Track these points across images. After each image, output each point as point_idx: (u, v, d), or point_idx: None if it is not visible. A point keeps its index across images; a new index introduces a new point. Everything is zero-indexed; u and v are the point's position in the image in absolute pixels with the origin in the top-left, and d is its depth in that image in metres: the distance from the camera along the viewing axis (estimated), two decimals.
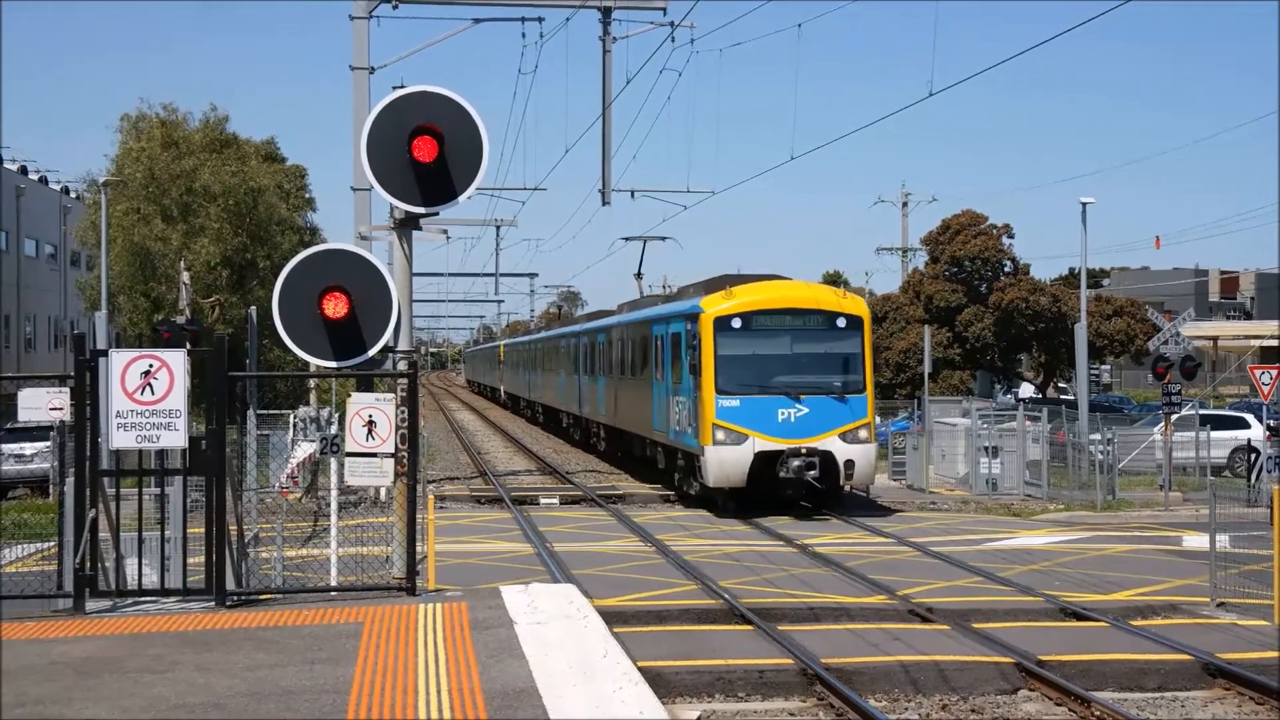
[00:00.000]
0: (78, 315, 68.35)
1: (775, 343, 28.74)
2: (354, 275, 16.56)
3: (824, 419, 27.88)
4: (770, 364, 28.59)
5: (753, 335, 28.48)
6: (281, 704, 10.71)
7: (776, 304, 29.00)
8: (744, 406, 27.84)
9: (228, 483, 15.25)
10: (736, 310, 28.53)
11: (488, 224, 53.71)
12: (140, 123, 56.04)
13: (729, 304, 28.58)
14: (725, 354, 28.15)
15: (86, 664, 12.14)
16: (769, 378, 28.36)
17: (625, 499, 32.41)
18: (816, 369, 28.61)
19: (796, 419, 27.76)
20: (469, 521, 28.11)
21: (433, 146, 16.58)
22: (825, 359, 28.79)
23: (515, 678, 11.54)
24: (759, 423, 27.73)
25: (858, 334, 28.91)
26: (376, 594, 15.80)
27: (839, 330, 28.79)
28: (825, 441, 27.80)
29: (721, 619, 17.84)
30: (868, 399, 28.58)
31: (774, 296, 29.15)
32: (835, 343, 28.83)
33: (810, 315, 28.91)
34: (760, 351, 28.57)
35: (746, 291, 29.06)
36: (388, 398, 15.82)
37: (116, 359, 14.84)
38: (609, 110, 34.39)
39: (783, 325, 28.71)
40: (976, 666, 15.17)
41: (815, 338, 28.83)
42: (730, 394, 27.88)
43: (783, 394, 27.94)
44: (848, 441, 27.94)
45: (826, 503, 28.67)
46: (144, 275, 54.08)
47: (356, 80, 30.56)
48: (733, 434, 27.60)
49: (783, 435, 27.72)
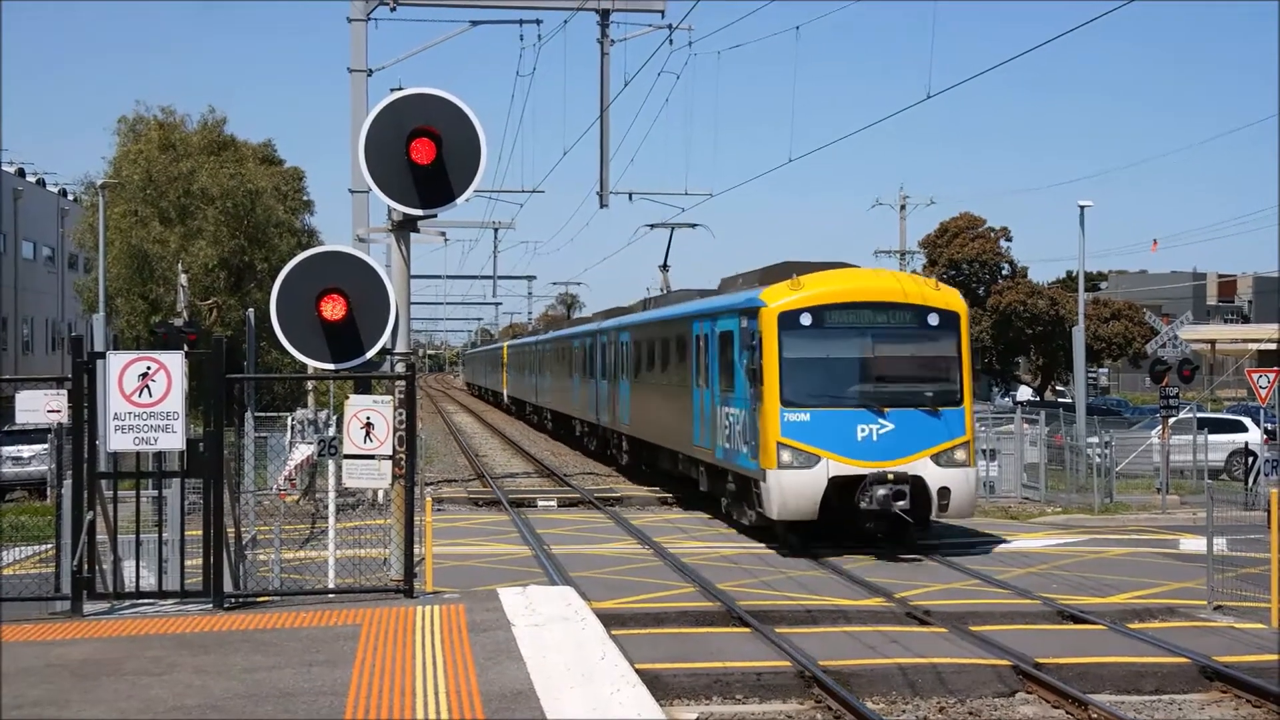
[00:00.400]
0: (75, 317, 68.36)
1: (853, 343, 23.64)
2: (352, 277, 16.56)
3: (913, 437, 23.06)
4: (847, 369, 23.63)
5: (826, 334, 23.48)
6: (279, 706, 10.71)
7: (855, 296, 23.82)
8: (815, 421, 22.95)
9: (225, 485, 15.25)
10: (806, 304, 23.43)
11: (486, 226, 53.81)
12: (138, 125, 56.12)
13: (796, 296, 23.48)
14: (792, 357, 23.22)
15: (84, 666, 12.14)
16: (846, 386, 23.47)
17: (623, 501, 32.39)
18: (904, 376, 23.86)
19: (880, 437, 22.96)
20: (467, 524, 28.10)
21: (431, 149, 16.59)
22: (914, 363, 24.03)
23: (513, 680, 11.54)
24: (834, 441, 22.84)
25: (953, 333, 23.97)
26: (374, 596, 15.80)
27: (931, 329, 23.80)
28: (915, 464, 22.92)
29: (719, 621, 17.84)
30: (965, 413, 23.67)
31: (851, 287, 23.98)
32: (926, 344, 23.94)
33: (896, 310, 23.79)
34: (835, 354, 23.62)
35: (817, 281, 23.95)
36: (385, 400, 15.82)
37: (114, 361, 14.84)
38: (607, 112, 34.39)
39: (862, 322, 23.63)
40: (974, 669, 15.18)
41: (902, 337, 23.85)
42: (798, 406, 22.99)
43: (863, 406, 23.07)
44: (942, 464, 23.05)
45: (908, 534, 23.56)
46: (142, 277, 54.12)
47: (354, 82, 30.55)
48: (802, 455, 22.70)
49: (863, 457, 22.80)
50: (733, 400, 24.97)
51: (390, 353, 17.54)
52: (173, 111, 57.01)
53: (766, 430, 23.00)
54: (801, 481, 22.75)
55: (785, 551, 23.37)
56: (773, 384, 23.07)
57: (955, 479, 23.10)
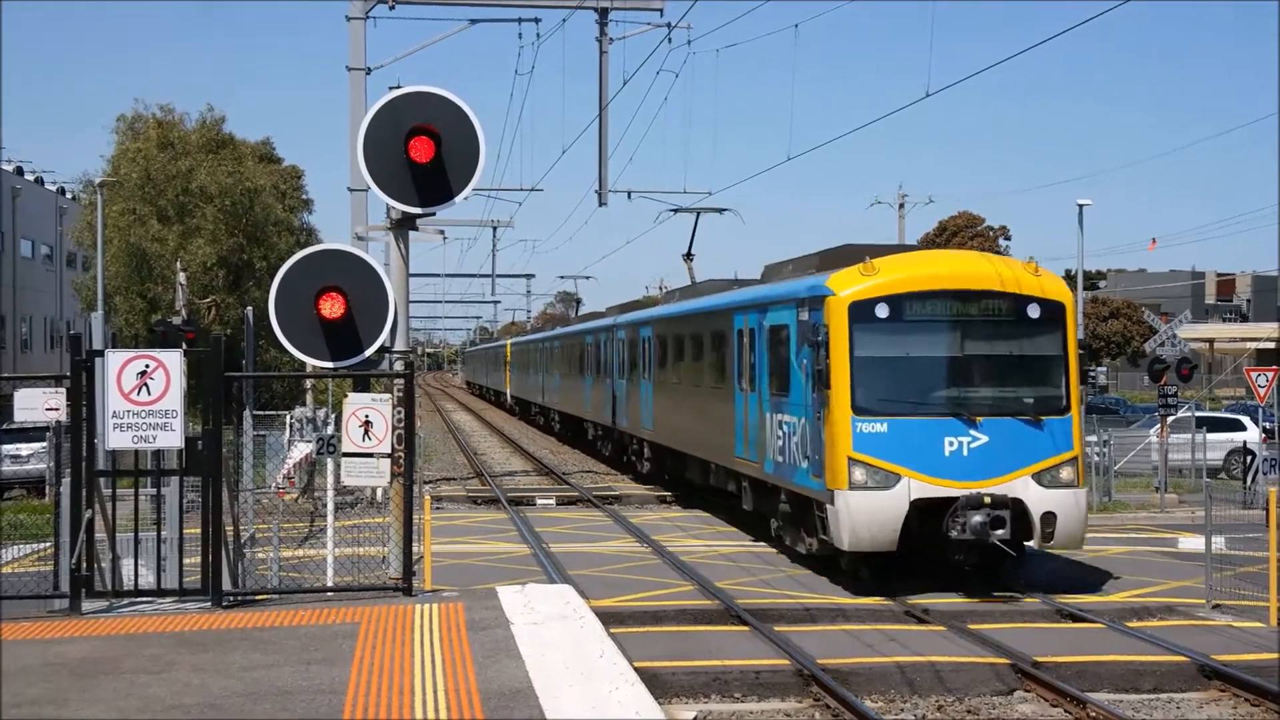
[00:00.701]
0: (74, 316, 68.33)
1: (940, 340, 19.94)
2: (350, 276, 16.55)
3: (1011, 451, 19.43)
4: (932, 371, 19.93)
5: (906, 328, 19.85)
6: (277, 704, 10.71)
7: (942, 283, 20.03)
8: (894, 433, 19.31)
9: (224, 483, 15.25)
10: (883, 291, 19.72)
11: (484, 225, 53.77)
12: (136, 123, 56.10)
13: (871, 282, 19.75)
14: (866, 355, 19.58)
15: (82, 664, 12.14)
16: (930, 391, 19.82)
17: (622, 500, 32.39)
18: (1000, 378, 20.15)
19: (972, 451, 19.36)
20: (465, 522, 28.10)
21: (429, 147, 16.59)
22: (1012, 364, 20.22)
23: (512, 678, 11.54)
24: (916, 457, 19.23)
25: (1058, 328, 20.26)
26: (373, 594, 15.80)
27: (1032, 322, 20.13)
28: (1014, 484, 19.26)
29: (718, 620, 17.84)
30: (1073, 422, 19.88)
31: (937, 272, 20.21)
32: (1027, 340, 20.21)
33: (991, 300, 20.14)
34: (917, 352, 19.94)
35: (895, 265, 20.14)
36: (384, 398, 15.82)
37: (113, 359, 14.84)
38: (605, 111, 34.39)
39: (950, 314, 19.96)
40: (972, 667, 15.19)
41: (998, 333, 20.19)
42: (874, 414, 19.31)
43: (951, 415, 19.45)
44: (1045, 484, 19.42)
45: (1003, 567, 19.92)
46: (140, 276, 54.11)
47: (353, 81, 30.53)
48: (878, 473, 19.10)
49: (952, 475, 19.21)
50: (788, 406, 21.34)
51: (389, 351, 17.54)
52: (171, 110, 57.02)
53: (835, 443, 19.31)
54: (877, 505, 19.05)
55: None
56: (842, 388, 19.42)
57: (1062, 502, 19.42)
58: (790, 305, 21.52)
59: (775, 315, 22.39)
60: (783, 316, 21.93)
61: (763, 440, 22.66)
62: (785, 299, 21.96)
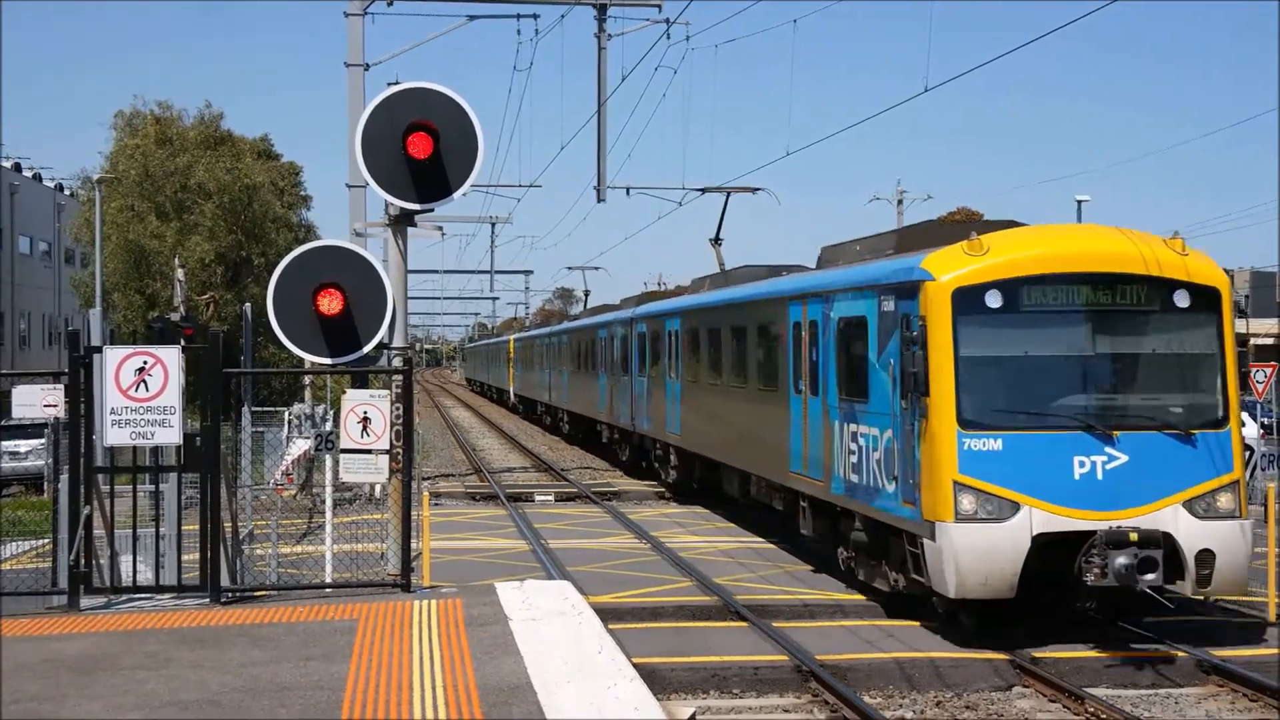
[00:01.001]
0: (72, 312, 68.35)
1: (1067, 335, 16.13)
2: (349, 272, 16.55)
3: (1158, 474, 15.77)
4: (1058, 373, 16.13)
5: (1025, 321, 16.09)
6: (276, 700, 10.71)
7: (1070, 264, 16.21)
8: (1011, 451, 15.58)
9: (222, 479, 15.25)
10: (997, 275, 15.97)
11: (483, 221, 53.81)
12: (135, 119, 56.04)
13: (980, 264, 15.98)
14: (976, 355, 15.91)
15: (81, 661, 12.14)
16: (1056, 399, 16.03)
17: (621, 496, 32.39)
18: (1142, 383, 16.47)
19: (1109, 474, 15.64)
20: (464, 518, 28.10)
21: (428, 143, 16.58)
22: (1157, 365, 16.57)
23: (510, 674, 11.54)
24: (1040, 481, 15.50)
25: (1212, 319, 16.53)
26: (371, 591, 15.80)
27: (1180, 313, 16.39)
28: (1162, 515, 15.62)
29: (716, 616, 17.84)
30: (1232, 437, 16.42)
31: (1063, 251, 16.33)
32: (1175, 335, 16.52)
33: (1130, 285, 16.31)
34: (1039, 350, 16.12)
35: (1010, 243, 16.42)
36: (383, 394, 15.82)
37: (111, 356, 14.84)
38: (604, 107, 34.37)
39: (1080, 303, 16.16)
40: (971, 663, 15.19)
41: (1139, 326, 16.43)
42: (985, 428, 15.64)
43: (1083, 428, 15.74)
44: (1201, 515, 15.77)
45: (1130, 611, 16.60)
46: (138, 272, 54.07)
47: (351, 77, 30.50)
48: (992, 500, 15.42)
49: (1086, 504, 15.53)
50: (865, 415, 17.77)
51: (387, 347, 17.54)
52: (169, 106, 56.94)
53: (935, 464, 15.66)
54: (992, 541, 15.34)
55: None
56: (944, 395, 15.72)
57: (1221, 536, 15.71)
58: (868, 293, 17.86)
59: (847, 305, 18.71)
60: (857, 307, 18.28)
61: (829, 455, 19.05)
62: (861, 286, 18.19)
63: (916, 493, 16.07)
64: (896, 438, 16.67)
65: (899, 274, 17.03)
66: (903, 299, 16.73)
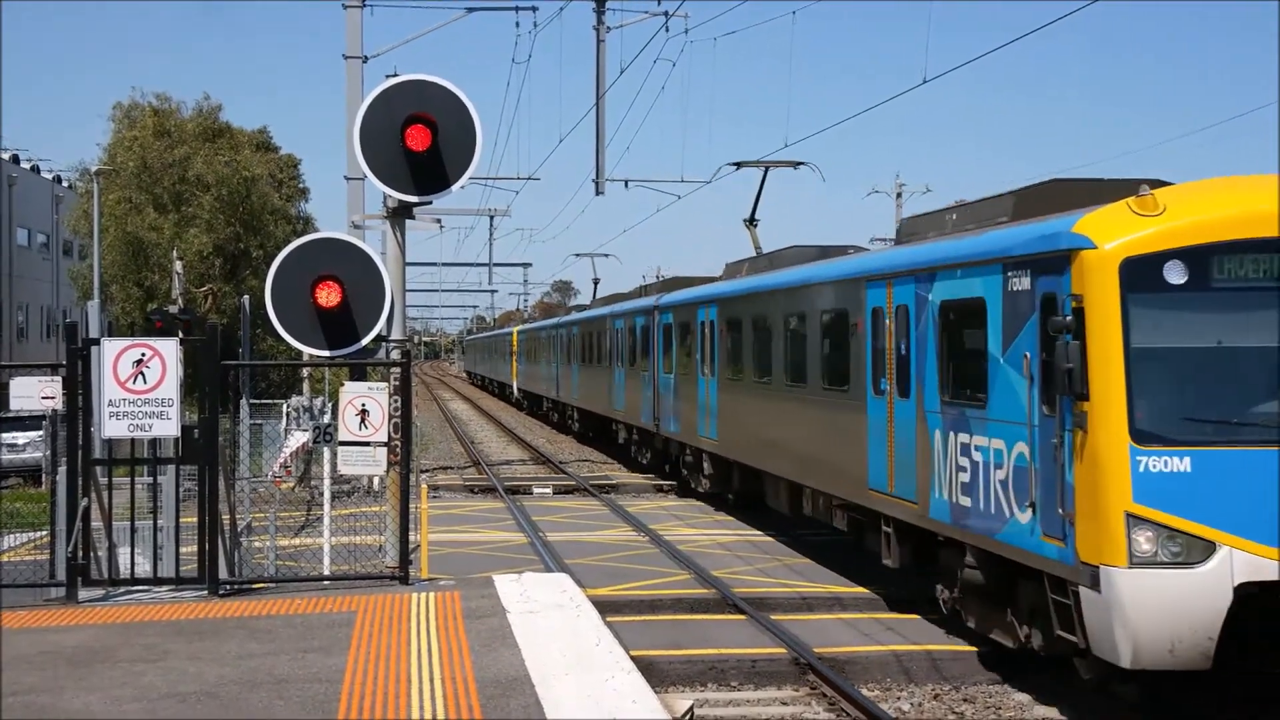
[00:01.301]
0: (70, 305, 68.31)
1: (1275, 319, 12.34)
2: (347, 264, 16.52)
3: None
4: (1263, 370, 12.40)
5: (1218, 302, 12.45)
6: (274, 692, 10.71)
7: (1270, 228, 12.36)
8: (1204, 473, 12.02)
9: (220, 472, 15.24)
10: (1179, 241, 12.39)
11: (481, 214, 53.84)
12: (133, 111, 56.05)
13: (1156, 226, 12.41)
14: (1153, 346, 12.37)
15: (78, 653, 12.13)
16: (1260, 402, 12.44)
17: (618, 489, 32.41)
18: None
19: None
20: (462, 511, 28.11)
21: (426, 135, 16.55)
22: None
23: (508, 667, 11.54)
24: (1244, 512, 11.91)
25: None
26: (369, 583, 15.80)
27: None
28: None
29: (714, 608, 17.85)
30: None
31: (1264, 209, 12.44)
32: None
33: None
34: (1238, 339, 12.46)
35: (1192, 200, 12.76)
36: (381, 387, 15.81)
37: (109, 348, 14.81)
38: (603, 100, 34.37)
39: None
40: (969, 656, 15.20)
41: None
42: (1169, 443, 12.10)
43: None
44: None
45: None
46: (136, 265, 54.07)
47: (349, 69, 30.48)
48: (1178, 538, 11.87)
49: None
50: (983, 422, 14.34)
51: (385, 340, 17.52)
52: (168, 98, 56.96)
53: (1100, 488, 12.09)
54: (1181, 594, 11.76)
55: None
56: (1112, 398, 12.16)
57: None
58: (988, 268, 14.39)
59: (955, 285, 15.29)
60: (970, 286, 14.86)
61: (926, 471, 15.64)
62: (977, 259, 14.74)
63: (1067, 526, 12.41)
64: (1034, 453, 13.13)
65: (1039, 242, 13.32)
66: (1045, 274, 13.10)
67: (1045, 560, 12.94)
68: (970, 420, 14.66)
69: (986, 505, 14.15)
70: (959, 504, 14.84)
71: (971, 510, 14.51)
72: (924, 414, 15.84)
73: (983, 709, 13.79)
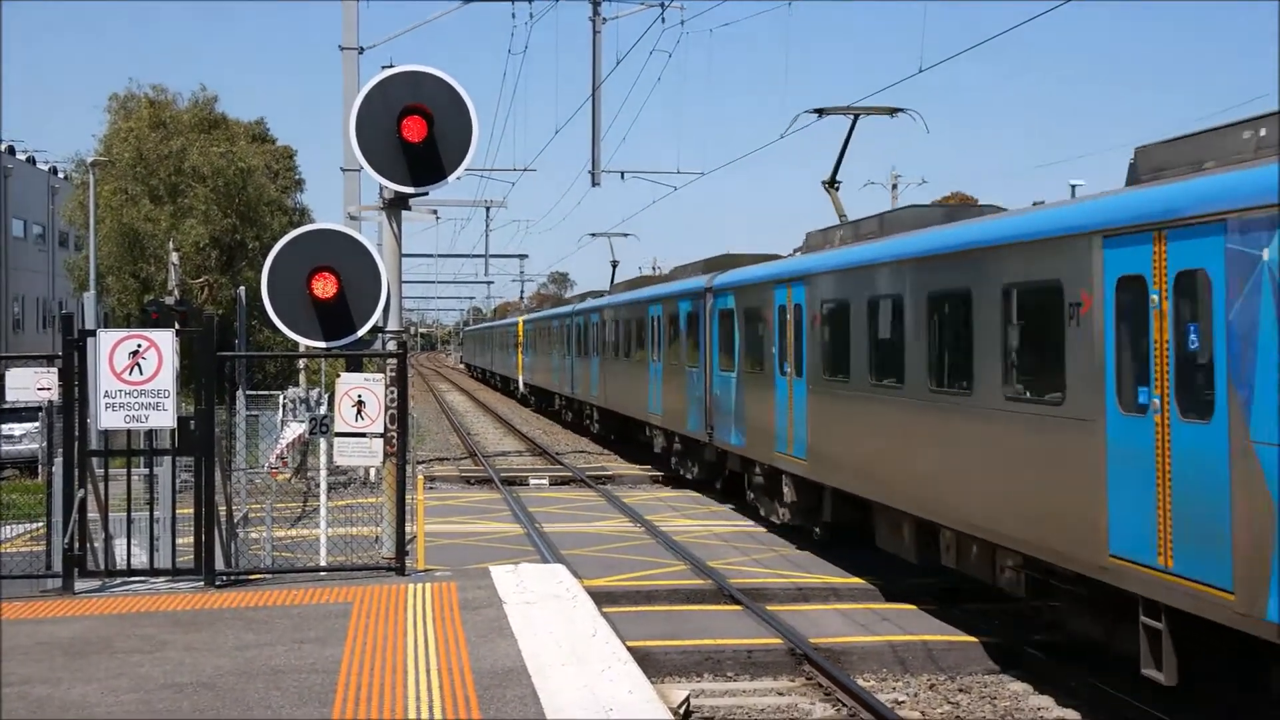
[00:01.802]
0: (66, 296, 68.25)
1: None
2: (343, 256, 16.54)
3: None
4: None
5: None
6: (270, 683, 10.72)
7: None
8: None
9: (217, 463, 15.24)
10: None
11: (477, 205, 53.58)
12: (129, 102, 55.90)
13: None
14: None
15: (75, 644, 12.14)
16: None
17: (615, 479, 32.42)
18: None
19: None
20: (458, 502, 28.12)
21: (422, 126, 16.54)
22: None
23: (504, 657, 11.56)
24: None
25: None
26: (365, 574, 15.81)
27: None
28: None
29: (710, 599, 17.87)
30: None
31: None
32: None
33: None
34: None
35: None
36: (377, 378, 15.82)
37: (105, 339, 14.81)
38: (599, 91, 34.33)
39: None
40: (965, 646, 15.23)
41: None
42: None
43: None
44: None
45: None
46: (132, 256, 53.97)
47: (346, 60, 30.43)
48: None
49: None
50: None
51: (381, 331, 17.53)
52: (164, 89, 56.77)
53: None
54: None
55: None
56: None
57: None
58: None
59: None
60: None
61: (1248, 538, 10.16)
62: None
63: None
64: None
65: None
66: None
67: None
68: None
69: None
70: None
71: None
72: (1243, 448, 10.20)
73: (978, 699, 13.82)
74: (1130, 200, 12.10)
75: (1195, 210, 10.91)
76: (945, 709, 13.48)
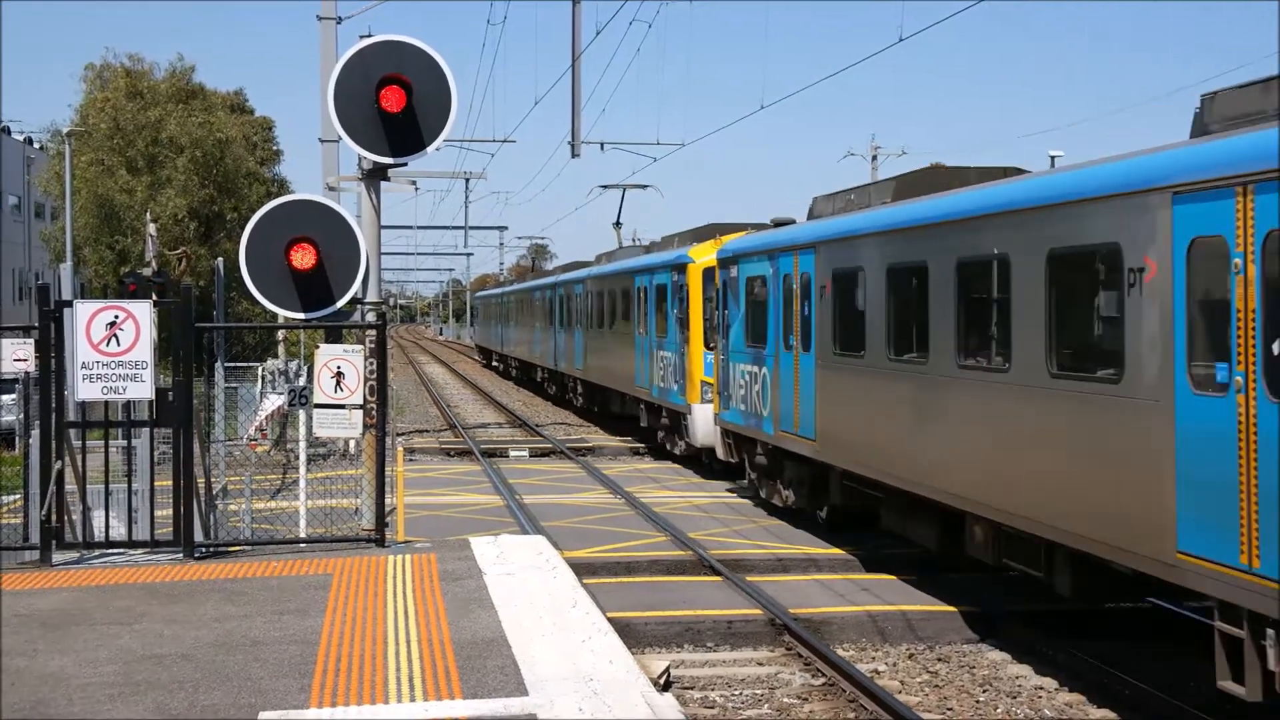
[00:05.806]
0: (42, 267, 67.84)
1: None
2: (322, 226, 16.47)
3: None
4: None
5: None
6: (250, 654, 10.71)
7: None
8: None
9: (195, 434, 15.19)
10: None
11: (457, 176, 53.45)
12: (105, 72, 55.57)
13: None
14: None
15: (53, 616, 12.10)
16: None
17: (595, 451, 32.43)
18: None
19: None
20: (438, 474, 28.10)
21: (401, 97, 16.47)
22: None
23: (485, 628, 11.56)
24: None
25: None
26: (345, 546, 15.79)
27: None
28: None
29: (690, 570, 17.91)
30: None
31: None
32: None
33: None
34: None
35: None
36: (356, 349, 15.77)
37: (81, 310, 14.72)
38: (578, 62, 34.20)
39: None
40: (943, 616, 15.29)
41: None
42: None
43: None
44: None
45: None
46: (109, 227, 53.72)
47: (324, 30, 30.19)
48: None
49: None
50: None
51: (361, 302, 17.47)
52: (141, 59, 56.51)
53: None
54: None
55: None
56: None
57: None
58: None
59: None
60: None
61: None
62: None
63: None
64: None
65: None
66: None
67: None
68: None
69: None
70: None
71: None
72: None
73: (956, 668, 13.88)
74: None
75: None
76: (924, 678, 13.55)
